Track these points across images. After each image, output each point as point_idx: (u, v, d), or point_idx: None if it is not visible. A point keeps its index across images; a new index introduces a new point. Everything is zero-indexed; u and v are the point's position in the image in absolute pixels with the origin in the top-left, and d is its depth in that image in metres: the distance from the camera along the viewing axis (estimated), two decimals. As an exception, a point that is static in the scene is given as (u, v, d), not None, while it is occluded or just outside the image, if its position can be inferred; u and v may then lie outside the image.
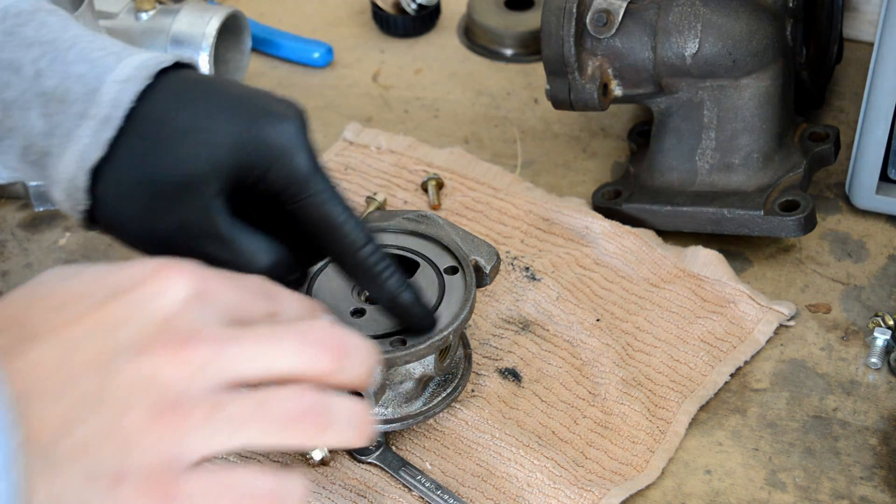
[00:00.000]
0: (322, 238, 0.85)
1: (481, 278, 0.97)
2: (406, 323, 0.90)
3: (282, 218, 0.84)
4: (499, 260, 0.97)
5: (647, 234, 1.10)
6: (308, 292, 0.94)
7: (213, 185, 0.81)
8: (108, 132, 0.81)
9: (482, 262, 0.97)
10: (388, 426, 0.94)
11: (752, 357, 1.02)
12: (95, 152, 0.81)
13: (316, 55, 1.33)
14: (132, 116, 0.81)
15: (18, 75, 0.82)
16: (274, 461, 0.94)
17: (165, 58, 0.84)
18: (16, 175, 0.86)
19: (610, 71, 1.10)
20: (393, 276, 0.87)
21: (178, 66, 0.85)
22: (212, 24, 1.22)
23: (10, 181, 0.94)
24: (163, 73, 0.83)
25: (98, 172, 0.81)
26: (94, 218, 0.84)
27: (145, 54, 0.84)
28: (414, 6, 1.35)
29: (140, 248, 0.85)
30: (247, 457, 0.94)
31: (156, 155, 0.81)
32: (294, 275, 0.87)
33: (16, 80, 0.82)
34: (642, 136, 1.19)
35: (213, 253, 0.82)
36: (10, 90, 0.83)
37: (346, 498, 0.92)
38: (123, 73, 0.82)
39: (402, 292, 0.88)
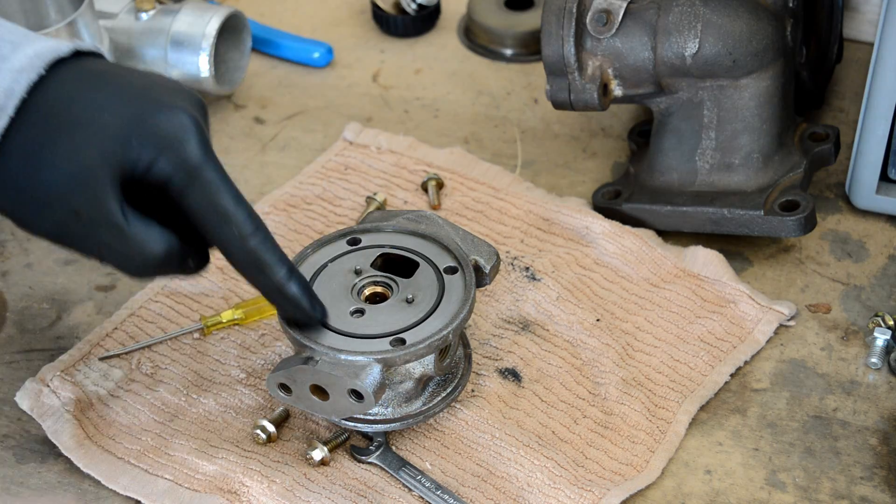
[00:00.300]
0: (208, 228, 0.85)
1: (481, 278, 0.97)
2: (295, 316, 0.90)
3: (176, 207, 0.86)
4: (499, 260, 0.97)
5: (647, 234, 1.10)
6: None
7: (104, 176, 0.82)
8: (1, 122, 0.82)
9: (482, 261, 0.97)
10: (388, 426, 0.94)
11: (752, 357, 1.02)
12: None
13: (316, 55, 1.33)
14: (26, 106, 0.83)
15: None
16: (274, 461, 0.94)
17: (63, 47, 0.85)
18: None
19: (610, 71, 1.10)
20: (280, 268, 0.87)
21: (79, 54, 0.86)
22: (212, 24, 1.22)
23: None
24: (61, 63, 0.84)
25: None
26: None
27: (43, 43, 0.84)
28: (414, 6, 1.35)
29: (37, 234, 0.86)
30: (247, 455, 0.94)
31: (48, 146, 0.83)
32: (192, 261, 0.89)
33: None
34: (642, 136, 1.19)
35: (107, 241, 0.84)
36: None
37: (346, 498, 0.92)
38: (18, 62, 0.83)
39: (287, 284, 0.88)
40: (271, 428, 0.96)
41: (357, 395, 0.89)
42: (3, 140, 0.83)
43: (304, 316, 0.90)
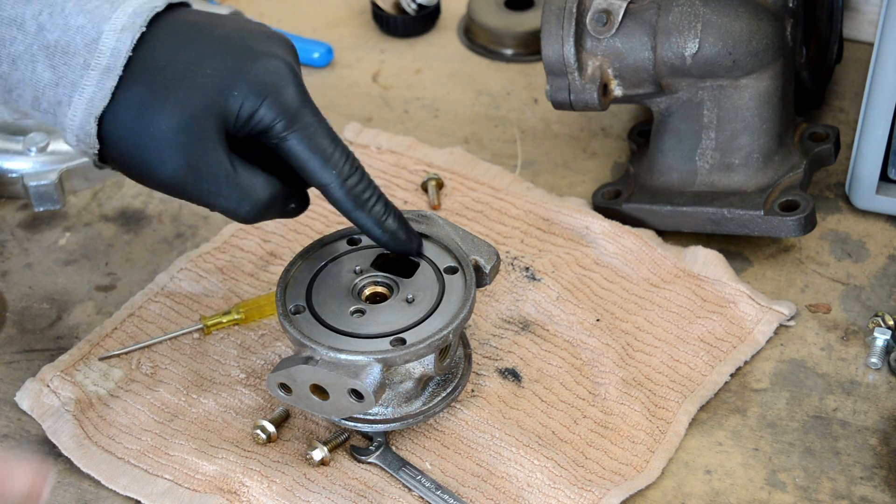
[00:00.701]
0: (309, 171, 0.90)
1: (481, 278, 0.97)
2: (393, 248, 0.94)
3: (276, 153, 0.90)
4: (499, 260, 0.97)
5: (647, 234, 1.10)
6: (308, 292, 0.95)
7: (211, 128, 0.86)
8: (111, 81, 0.86)
9: (482, 261, 0.97)
10: (388, 426, 0.94)
11: (752, 357, 1.02)
12: (101, 101, 0.86)
13: (316, 55, 1.33)
14: (131, 63, 0.87)
15: (22, 31, 0.87)
16: (274, 461, 0.94)
17: (157, 1, 0.88)
18: (30, 119, 0.90)
19: (610, 71, 1.10)
20: (378, 203, 0.92)
21: (171, 6, 0.89)
22: (212, 24, 1.22)
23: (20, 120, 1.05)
24: (157, 17, 0.88)
25: (105, 118, 0.87)
26: (105, 158, 0.89)
27: (138, 0, 0.88)
28: (414, 6, 1.35)
29: (151, 186, 0.90)
30: (247, 455, 0.94)
31: (156, 100, 0.86)
32: (291, 203, 0.93)
33: (20, 36, 0.87)
34: (642, 136, 1.19)
35: (217, 190, 0.88)
36: (16, 45, 0.87)
37: (345, 498, 0.92)
38: (119, 22, 0.86)
39: (387, 218, 0.93)
40: (271, 428, 0.96)
41: (357, 394, 0.89)
42: (115, 98, 0.86)
43: (402, 247, 0.95)
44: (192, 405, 0.99)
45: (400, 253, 0.95)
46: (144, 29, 0.87)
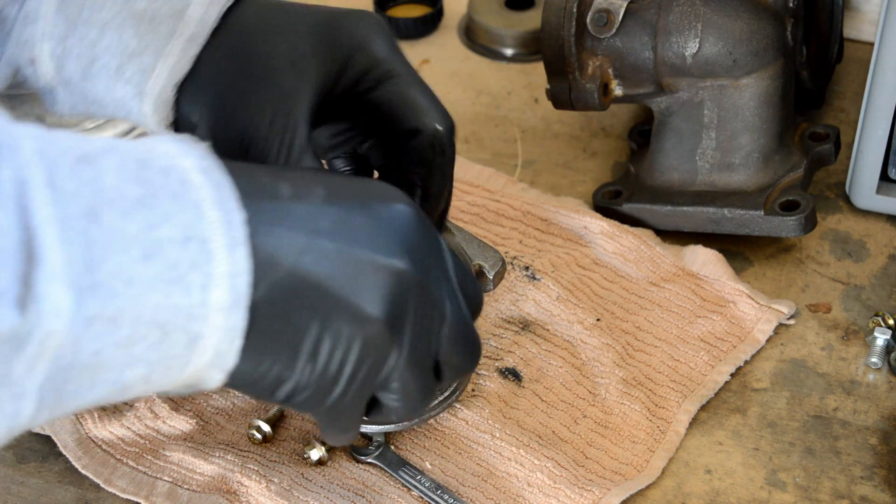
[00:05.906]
0: (403, 119, 0.87)
1: (484, 284, 0.96)
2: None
3: (365, 107, 0.88)
4: (504, 267, 0.96)
5: (646, 234, 1.10)
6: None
7: (303, 98, 0.85)
8: (195, 49, 0.86)
9: (486, 267, 0.96)
10: (387, 427, 0.94)
11: (753, 357, 1.02)
12: (184, 68, 0.86)
13: (316, 55, 1.32)
14: (217, 34, 0.86)
15: None
16: (271, 461, 0.94)
17: None
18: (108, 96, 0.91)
19: (610, 71, 1.10)
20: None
21: None
22: (212, 24, 1.22)
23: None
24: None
25: (184, 87, 0.86)
26: (179, 128, 0.88)
27: None
28: None
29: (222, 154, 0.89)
30: (244, 455, 0.94)
31: (242, 68, 0.86)
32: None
33: (109, 3, 0.87)
34: (642, 135, 1.19)
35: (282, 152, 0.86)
36: (105, 12, 0.87)
37: (344, 497, 0.92)
38: None
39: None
40: (266, 427, 0.96)
41: (357, 394, 0.88)
42: (197, 67, 0.86)
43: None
44: (186, 408, 0.99)
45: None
46: (231, 2, 0.87)
